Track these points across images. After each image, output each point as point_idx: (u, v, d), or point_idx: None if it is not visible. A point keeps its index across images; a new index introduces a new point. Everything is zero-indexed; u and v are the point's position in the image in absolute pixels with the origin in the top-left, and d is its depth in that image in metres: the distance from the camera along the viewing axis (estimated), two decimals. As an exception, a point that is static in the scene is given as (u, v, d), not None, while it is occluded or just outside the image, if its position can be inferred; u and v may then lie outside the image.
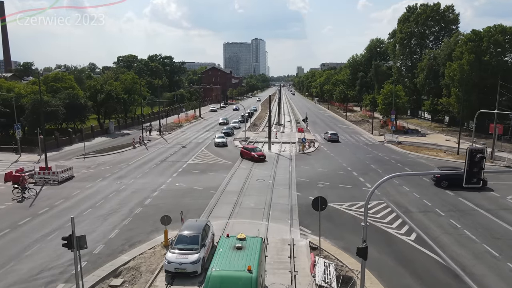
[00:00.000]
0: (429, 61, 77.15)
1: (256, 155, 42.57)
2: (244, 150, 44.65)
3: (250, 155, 42.96)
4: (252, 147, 45.37)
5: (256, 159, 41.85)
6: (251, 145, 47.56)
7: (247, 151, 44.12)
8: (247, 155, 43.36)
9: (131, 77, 75.94)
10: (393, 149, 50.48)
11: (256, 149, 44.29)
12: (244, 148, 45.65)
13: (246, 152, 43.92)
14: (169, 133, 66.40)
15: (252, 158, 42.44)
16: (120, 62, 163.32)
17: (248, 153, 43.45)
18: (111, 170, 37.79)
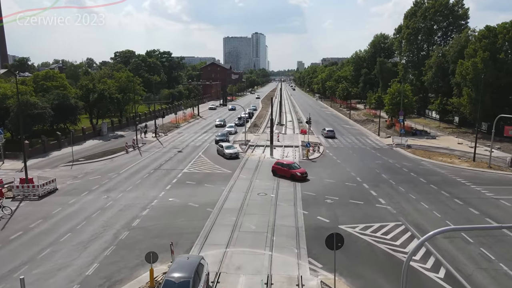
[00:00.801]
0: (437, 59, 73.73)
1: (298, 173, 34.53)
2: (279, 167, 36.02)
3: (289, 173, 34.75)
4: (289, 163, 36.40)
5: (299, 178, 34.11)
6: (287, 160, 38.69)
7: (284, 168, 35.62)
8: (284, 173, 35.17)
9: (125, 75, 72.52)
10: (403, 155, 47.30)
11: (295, 165, 35.95)
12: (278, 164, 36.60)
13: (283, 170, 35.54)
14: (166, 134, 63.19)
15: (293, 176, 34.35)
16: (117, 57, 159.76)
17: (286, 171, 35.16)
18: (99, 181, 34.64)
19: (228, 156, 43.49)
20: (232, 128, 65.30)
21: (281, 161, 37.67)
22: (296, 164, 36.93)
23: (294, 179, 34.36)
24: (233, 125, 67.76)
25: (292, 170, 35.09)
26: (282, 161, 38.00)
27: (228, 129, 64.24)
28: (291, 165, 36.07)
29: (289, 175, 34.95)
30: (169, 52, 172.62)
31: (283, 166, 36.15)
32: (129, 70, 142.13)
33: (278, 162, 37.49)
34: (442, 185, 33.16)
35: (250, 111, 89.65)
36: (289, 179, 34.56)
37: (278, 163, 37.02)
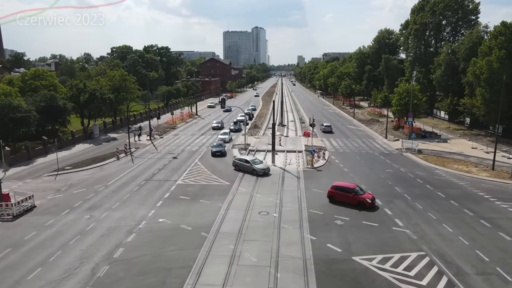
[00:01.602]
0: (447, 56, 70.14)
1: (368, 199, 28.08)
2: (339, 192, 28.99)
3: (356, 199, 28.07)
4: (351, 186, 29.33)
5: (370, 205, 27.88)
6: (347, 183, 30.63)
7: (347, 193, 28.61)
8: (347, 199, 28.38)
9: (119, 74, 68.98)
10: (415, 161, 43.96)
11: (360, 190, 29.20)
12: (337, 188, 29.32)
13: (345, 196, 28.62)
14: (161, 137, 59.79)
15: (361, 204, 27.89)
16: (114, 53, 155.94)
17: (350, 197, 28.35)
18: (84, 195, 31.35)
19: (261, 173, 37.12)
20: (226, 136, 55.31)
21: (341, 184, 29.83)
22: (358, 188, 29.51)
23: (363, 207, 27.86)
24: (227, 132, 57.77)
25: (360, 196, 28.25)
26: (342, 184, 30.14)
27: (221, 136, 55.12)
28: (355, 189, 28.86)
29: (356, 202, 27.98)
30: (167, 47, 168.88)
31: (345, 191, 28.84)
32: (126, 66, 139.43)
33: (336, 185, 29.66)
34: (463, 200, 29.88)
35: (248, 112, 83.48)
36: (354, 207, 27.88)
37: (337, 187, 29.44)
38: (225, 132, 57.98)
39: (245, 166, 38.41)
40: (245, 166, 38.43)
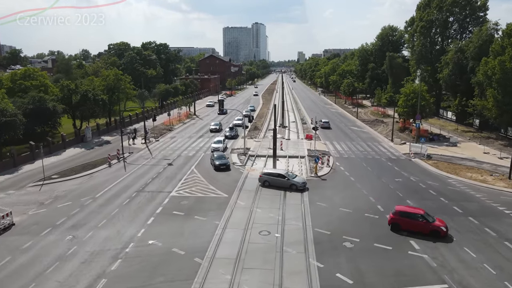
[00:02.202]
0: (455, 54, 67.35)
1: (443, 227, 24.09)
2: (406, 219, 24.58)
3: (428, 228, 23.92)
4: (418, 211, 25.02)
5: (444, 234, 23.91)
6: (412, 207, 26.59)
7: (416, 220, 24.38)
8: (417, 228, 24.18)
9: (113, 73, 66.21)
10: (425, 169, 41.37)
11: (427, 215, 24.89)
12: (402, 214, 24.81)
13: (414, 223, 24.34)
14: (157, 139, 57.14)
15: (434, 234, 23.84)
16: (111, 50, 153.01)
17: (420, 225, 24.12)
18: (69, 210, 28.79)
19: (302, 187, 33.11)
20: (220, 145, 48.27)
21: (406, 210, 25.33)
22: (426, 212, 25.19)
23: (436, 236, 23.76)
24: (221, 140, 50.15)
25: (433, 224, 24.10)
26: (407, 209, 25.65)
27: (215, 145, 48.33)
28: (424, 215, 24.53)
29: (428, 231, 23.84)
30: (165, 44, 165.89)
31: (414, 218, 24.50)
32: (123, 63, 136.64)
33: (400, 210, 25.14)
34: (482, 217, 27.32)
35: (247, 113, 73.81)
36: (425, 236, 23.75)
37: (402, 213, 24.80)
38: (219, 140, 49.94)
39: (279, 182, 33.46)
40: (279, 181, 33.50)
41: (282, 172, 34.89)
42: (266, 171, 35.84)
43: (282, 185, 33.51)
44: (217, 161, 40.33)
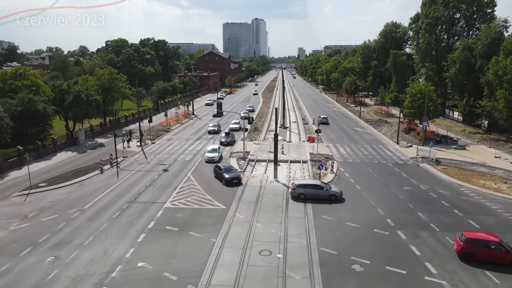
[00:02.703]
0: (462, 53, 64.96)
1: None
2: (481, 248, 21.49)
3: (508, 257, 21.12)
4: (494, 239, 21.89)
5: None
6: (485, 234, 22.88)
7: (493, 248, 21.41)
8: (494, 259, 21.32)
9: (108, 72, 63.83)
10: (434, 175, 39.15)
11: (506, 244, 21.70)
12: (475, 242, 21.72)
13: (489, 252, 21.45)
14: (153, 142, 54.90)
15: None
16: (109, 47, 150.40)
17: (498, 255, 21.27)
18: (54, 225, 26.63)
19: (340, 196, 31.61)
20: (215, 154, 43.31)
21: (480, 237, 22.17)
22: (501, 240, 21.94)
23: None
24: (216, 148, 44.75)
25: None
26: (481, 235, 22.43)
27: (209, 154, 43.34)
28: (502, 243, 21.58)
29: (509, 261, 21.09)
30: (164, 40, 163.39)
31: (489, 246, 21.50)
32: (121, 60, 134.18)
33: (472, 238, 21.91)
34: (503, 234, 25.05)
35: (245, 115, 66.16)
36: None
37: (475, 242, 21.66)
38: (213, 148, 44.50)
39: (315, 193, 31.24)
40: (315, 193, 31.26)
41: (317, 183, 32.39)
42: (300, 183, 32.33)
43: (318, 197, 31.18)
44: (226, 174, 35.61)
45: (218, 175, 36.90)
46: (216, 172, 37.40)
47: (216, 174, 37.47)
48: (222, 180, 35.81)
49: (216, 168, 37.59)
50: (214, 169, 38.21)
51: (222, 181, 35.70)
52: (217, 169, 37.43)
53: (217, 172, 37.11)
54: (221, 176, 35.92)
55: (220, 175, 36.30)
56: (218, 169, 37.06)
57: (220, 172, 36.43)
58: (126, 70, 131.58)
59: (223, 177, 35.63)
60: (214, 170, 38.14)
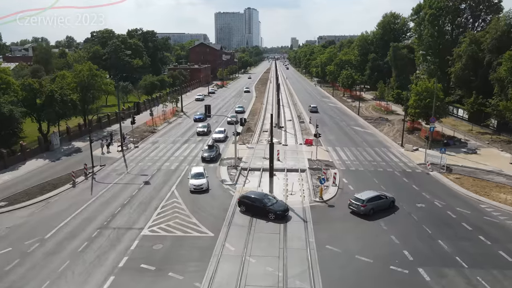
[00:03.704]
0: (469, 46, 60.70)
1: None
2: None
3: None
4: None
5: None
6: None
7: None
8: None
9: (87, 68, 58.45)
10: (448, 187, 35.05)
11: None
12: None
13: None
14: (136, 145, 50.09)
15: None
16: (94, 38, 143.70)
17: None
18: (4, 264, 21.99)
19: None
20: (202, 181, 33.38)
21: None
22: None
23: None
24: (202, 172, 34.58)
25: None
26: None
27: (195, 182, 33.35)
28: None
29: None
30: (152, 31, 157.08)
31: None
32: (107, 52, 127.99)
33: None
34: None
35: (232, 120, 52.10)
36: None
37: None
38: (198, 173, 34.13)
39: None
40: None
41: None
42: (354, 201, 28.63)
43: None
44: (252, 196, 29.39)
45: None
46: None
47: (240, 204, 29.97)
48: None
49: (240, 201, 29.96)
50: None
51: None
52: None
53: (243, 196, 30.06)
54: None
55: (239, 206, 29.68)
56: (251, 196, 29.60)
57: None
58: (112, 63, 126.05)
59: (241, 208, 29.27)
60: None
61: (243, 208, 28.98)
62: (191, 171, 35.19)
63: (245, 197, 29.38)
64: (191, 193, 32.94)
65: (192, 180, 33.50)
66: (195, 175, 34.03)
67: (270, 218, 27.59)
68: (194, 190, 33.14)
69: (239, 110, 75.90)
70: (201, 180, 33.48)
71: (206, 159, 42.23)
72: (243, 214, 28.65)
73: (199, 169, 35.29)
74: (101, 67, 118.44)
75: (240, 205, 29.23)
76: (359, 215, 28.42)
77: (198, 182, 33.19)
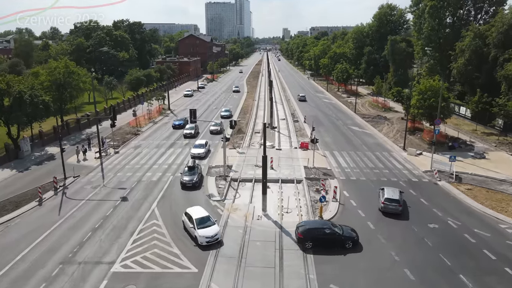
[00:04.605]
0: (473, 41, 57.15)
1: None
2: None
3: None
4: None
5: None
6: None
7: None
8: None
9: (63, 65, 53.62)
10: (461, 201, 31.58)
11: None
12: None
13: None
14: (116, 150, 45.79)
15: None
16: (78, 30, 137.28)
17: None
18: None
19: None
20: (214, 230, 25.03)
21: None
22: None
23: None
24: (208, 216, 26.31)
25: None
26: None
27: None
28: None
29: None
30: (139, 22, 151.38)
31: None
32: (91, 45, 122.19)
33: None
34: None
35: (216, 128, 52.39)
36: None
37: None
38: (203, 217, 25.58)
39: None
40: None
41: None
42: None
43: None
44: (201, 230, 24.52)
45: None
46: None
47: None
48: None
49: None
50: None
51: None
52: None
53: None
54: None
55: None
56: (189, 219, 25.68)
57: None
58: (96, 56, 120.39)
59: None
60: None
61: (309, 245, 23.83)
62: (192, 216, 25.62)
63: (310, 230, 24.28)
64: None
65: (202, 231, 24.44)
66: (200, 221, 25.12)
67: (348, 247, 23.93)
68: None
69: (225, 115, 64.20)
70: (213, 228, 24.78)
71: (187, 185, 33.07)
72: (305, 251, 23.60)
73: (202, 212, 26.09)
74: (85, 60, 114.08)
75: (306, 241, 23.89)
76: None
77: (210, 233, 24.34)
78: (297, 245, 24.30)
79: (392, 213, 28.37)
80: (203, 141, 44.59)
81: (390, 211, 28.43)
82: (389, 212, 28.50)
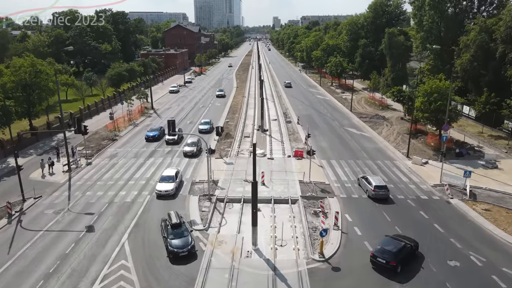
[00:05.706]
0: (479, 35, 52.95)
1: None
2: None
3: None
4: None
5: None
6: None
7: None
8: None
9: (29, 64, 47.98)
10: (479, 227, 27.52)
11: None
12: None
13: None
14: (89, 162, 40.76)
15: None
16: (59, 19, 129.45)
17: None
18: None
19: None
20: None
21: None
22: None
23: None
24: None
25: None
26: None
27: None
28: None
29: None
30: (123, 12, 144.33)
31: None
32: (70, 37, 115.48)
33: None
34: None
35: (191, 149, 41.93)
36: None
37: None
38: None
39: None
40: None
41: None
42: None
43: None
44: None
45: None
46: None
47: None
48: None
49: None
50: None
51: None
52: None
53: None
54: None
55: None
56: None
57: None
58: (77, 49, 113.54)
59: None
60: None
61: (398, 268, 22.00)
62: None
63: (393, 254, 22.27)
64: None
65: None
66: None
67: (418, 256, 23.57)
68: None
69: (203, 129, 51.53)
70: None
71: (180, 254, 23.31)
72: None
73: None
74: (64, 53, 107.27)
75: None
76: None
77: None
78: (295, 296, 19.98)
79: (381, 198, 31.10)
80: (172, 171, 33.95)
81: (380, 197, 31.09)
82: (379, 198, 31.12)
